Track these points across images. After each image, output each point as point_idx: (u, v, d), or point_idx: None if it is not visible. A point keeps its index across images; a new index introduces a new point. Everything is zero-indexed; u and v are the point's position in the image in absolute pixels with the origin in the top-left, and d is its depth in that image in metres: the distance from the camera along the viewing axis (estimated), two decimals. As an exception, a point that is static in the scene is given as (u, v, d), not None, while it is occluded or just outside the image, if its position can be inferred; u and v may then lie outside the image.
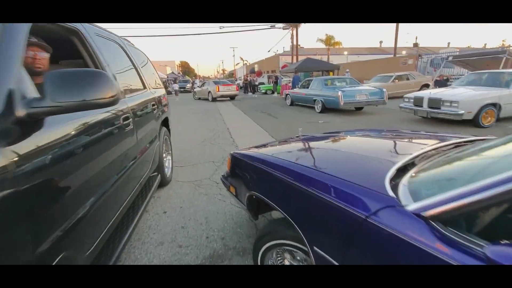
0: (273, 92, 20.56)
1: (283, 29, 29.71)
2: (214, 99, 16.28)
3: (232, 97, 17.03)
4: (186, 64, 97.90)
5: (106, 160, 1.54)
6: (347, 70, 18.20)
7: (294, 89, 12.38)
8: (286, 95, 12.35)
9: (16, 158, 0.84)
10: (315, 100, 9.50)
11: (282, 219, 1.42)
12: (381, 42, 58.97)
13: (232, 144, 5.42)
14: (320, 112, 9.22)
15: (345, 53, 43.78)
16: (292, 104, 11.91)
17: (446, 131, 5.49)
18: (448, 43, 53.08)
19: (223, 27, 28.87)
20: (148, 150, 2.45)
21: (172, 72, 48.12)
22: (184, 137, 6.18)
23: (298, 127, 7.26)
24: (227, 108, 12.28)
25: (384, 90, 8.53)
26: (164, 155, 3.21)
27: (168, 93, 24.80)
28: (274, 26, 28.08)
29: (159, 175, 2.87)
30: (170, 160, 3.70)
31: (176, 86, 25.15)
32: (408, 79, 13.07)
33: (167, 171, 3.39)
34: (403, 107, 7.14)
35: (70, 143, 1.16)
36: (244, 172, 1.96)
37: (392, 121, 7.38)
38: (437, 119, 6.63)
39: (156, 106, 2.81)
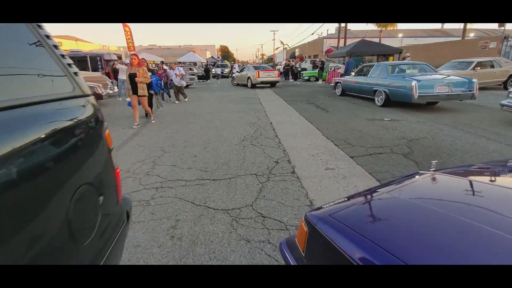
0: (317, 79, 18.74)
1: (331, 8, 26.94)
2: (253, 86, 15.18)
3: (272, 84, 15.75)
4: (226, 49, 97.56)
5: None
6: (407, 54, 15.57)
7: (346, 77, 10.69)
8: (336, 83, 10.73)
9: None
10: (375, 91, 7.85)
11: None
12: (443, 23, 51.63)
13: (278, 147, 4.31)
14: (382, 106, 7.59)
15: (400, 35, 39.04)
16: (343, 94, 10.30)
17: None
18: (530, 23, 44.30)
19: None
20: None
21: (212, 57, 47.81)
22: (220, 133, 5.21)
23: (357, 124, 5.85)
24: (268, 97, 11.10)
25: (474, 80, 6.58)
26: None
27: (212, 76, 24.47)
28: (321, 5, 25.49)
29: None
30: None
31: (219, 70, 24.92)
32: (493, 66, 10.50)
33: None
34: (508, 105, 5.28)
35: None
36: (336, 260, 0.87)
37: (494, 123, 5.56)
38: None
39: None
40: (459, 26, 56.90)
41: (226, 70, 26.65)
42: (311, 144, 4.45)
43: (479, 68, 10.20)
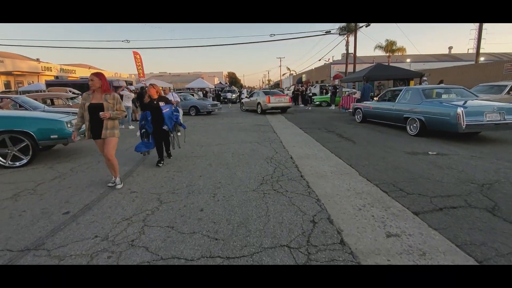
0: (329, 105, 18.02)
1: (340, 34, 27.10)
2: (263, 112, 14.47)
3: (283, 110, 15.03)
4: (233, 75, 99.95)
5: None
6: (424, 78, 14.68)
7: (366, 102, 9.83)
8: (356, 109, 9.86)
9: None
10: (407, 118, 6.90)
11: None
12: (450, 48, 51.87)
13: (309, 194, 3.30)
14: (416, 135, 6.59)
15: (408, 60, 38.84)
16: (363, 120, 9.38)
17: None
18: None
19: (274, 34, 27.39)
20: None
21: (220, 82, 48.43)
22: (233, 172, 4.24)
23: (397, 159, 4.69)
24: (281, 124, 10.25)
25: (530, 106, 5.58)
26: None
27: (224, 102, 24.16)
28: (330, 32, 25.65)
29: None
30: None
31: (229, 95, 24.95)
32: (530, 90, 9.51)
33: None
34: None
35: None
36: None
37: None
38: None
39: None
40: (466, 50, 57.07)
41: (234, 96, 26.33)
42: (351, 189, 3.43)
43: (515, 92, 9.22)
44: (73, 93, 13.09)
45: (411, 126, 6.78)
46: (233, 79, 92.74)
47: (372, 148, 5.64)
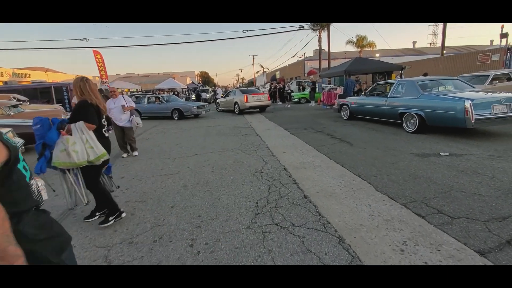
0: (308, 101, 17.46)
1: (313, 30, 26.75)
2: (241, 112, 13.48)
3: (262, 109, 14.15)
4: (206, 74, 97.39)
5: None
6: (403, 68, 14.25)
7: (351, 98, 9.22)
8: (342, 105, 9.22)
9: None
10: (403, 114, 6.30)
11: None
12: (414, 42, 54.26)
13: (324, 227, 2.41)
14: (414, 132, 6.00)
15: (377, 55, 39.78)
16: (351, 117, 8.77)
17: None
18: (491, 41, 47.32)
19: (246, 30, 26.45)
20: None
21: (192, 82, 46.34)
22: (216, 198, 3.22)
23: (410, 164, 3.68)
24: (262, 125, 9.34)
25: (535, 96, 5.16)
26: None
27: (204, 101, 21.92)
28: (303, 27, 25.18)
29: None
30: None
31: (203, 95, 23.41)
32: (510, 79, 9.49)
33: None
34: None
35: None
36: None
37: None
38: None
39: None
40: (430, 45, 60.24)
41: (208, 95, 24.87)
42: (375, 215, 2.59)
43: (497, 81, 9.13)
44: (18, 100, 11.10)
45: (408, 123, 6.19)
46: (205, 79, 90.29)
47: (374, 151, 4.91)
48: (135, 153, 5.64)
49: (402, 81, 6.72)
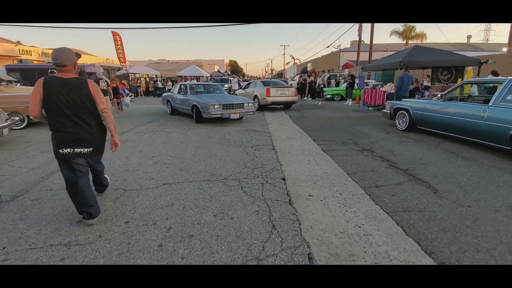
0: (343, 99, 14.67)
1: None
2: (261, 107, 11.18)
3: (287, 105, 11.73)
4: (235, 63, 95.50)
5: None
6: (482, 63, 10.50)
7: (415, 100, 6.49)
8: (397, 110, 6.56)
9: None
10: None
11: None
12: (469, 36, 47.50)
13: None
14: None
15: (426, 49, 34.87)
16: (409, 128, 6.13)
17: None
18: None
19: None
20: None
21: (219, 71, 44.39)
22: None
23: None
24: (283, 129, 6.99)
25: None
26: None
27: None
28: (343, 12, 21.94)
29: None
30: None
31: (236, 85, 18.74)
32: None
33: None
34: None
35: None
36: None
37: None
38: None
39: None
40: (484, 40, 52.39)
41: (226, 86, 20.58)
42: None
43: None
44: (2, 80, 9.79)
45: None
46: (234, 68, 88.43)
47: (491, 216, 2.43)
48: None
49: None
